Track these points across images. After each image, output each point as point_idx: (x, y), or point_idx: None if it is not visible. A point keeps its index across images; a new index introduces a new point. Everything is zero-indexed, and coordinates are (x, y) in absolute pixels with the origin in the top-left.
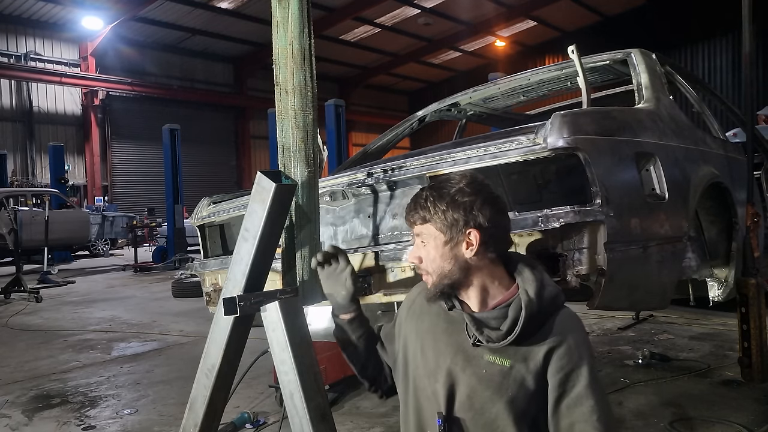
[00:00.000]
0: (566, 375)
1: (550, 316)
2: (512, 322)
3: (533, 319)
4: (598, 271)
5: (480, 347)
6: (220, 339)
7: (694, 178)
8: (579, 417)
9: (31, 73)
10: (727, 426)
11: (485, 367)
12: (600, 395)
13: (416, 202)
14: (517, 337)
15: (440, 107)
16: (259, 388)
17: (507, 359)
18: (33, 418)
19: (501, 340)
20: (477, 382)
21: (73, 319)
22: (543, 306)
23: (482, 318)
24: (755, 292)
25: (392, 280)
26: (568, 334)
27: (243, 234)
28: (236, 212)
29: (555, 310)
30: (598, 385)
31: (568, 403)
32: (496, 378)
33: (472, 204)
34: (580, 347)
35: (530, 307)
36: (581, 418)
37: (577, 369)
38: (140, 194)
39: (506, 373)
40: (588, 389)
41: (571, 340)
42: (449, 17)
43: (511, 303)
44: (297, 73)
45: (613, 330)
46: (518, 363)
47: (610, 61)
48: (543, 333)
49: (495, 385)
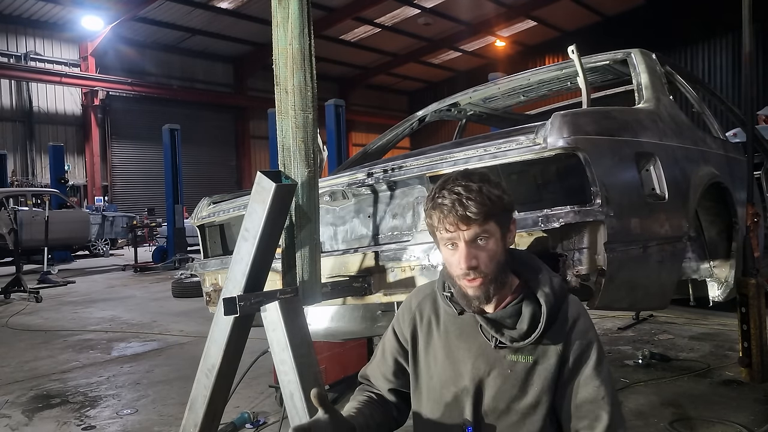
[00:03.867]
0: (579, 356)
1: (562, 305)
2: (531, 319)
3: (552, 313)
4: (598, 271)
5: (503, 348)
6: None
7: (694, 178)
8: (586, 396)
9: (31, 73)
10: (727, 426)
11: (509, 366)
12: (606, 376)
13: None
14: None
15: (440, 107)
16: (259, 388)
17: (529, 355)
18: (33, 418)
19: (524, 338)
20: (503, 383)
21: (73, 319)
22: (557, 298)
23: (497, 318)
24: (755, 292)
25: (392, 280)
26: (578, 319)
27: (243, 234)
28: (236, 212)
29: (564, 299)
30: (605, 367)
31: (578, 383)
32: (521, 375)
33: (505, 193)
34: (589, 330)
35: (549, 302)
36: (588, 398)
37: (587, 350)
38: (140, 194)
39: (531, 369)
40: (595, 370)
41: (581, 325)
42: (449, 17)
43: (522, 299)
44: (297, 73)
45: (613, 330)
46: (541, 356)
47: (610, 61)
48: (559, 322)
49: (521, 383)
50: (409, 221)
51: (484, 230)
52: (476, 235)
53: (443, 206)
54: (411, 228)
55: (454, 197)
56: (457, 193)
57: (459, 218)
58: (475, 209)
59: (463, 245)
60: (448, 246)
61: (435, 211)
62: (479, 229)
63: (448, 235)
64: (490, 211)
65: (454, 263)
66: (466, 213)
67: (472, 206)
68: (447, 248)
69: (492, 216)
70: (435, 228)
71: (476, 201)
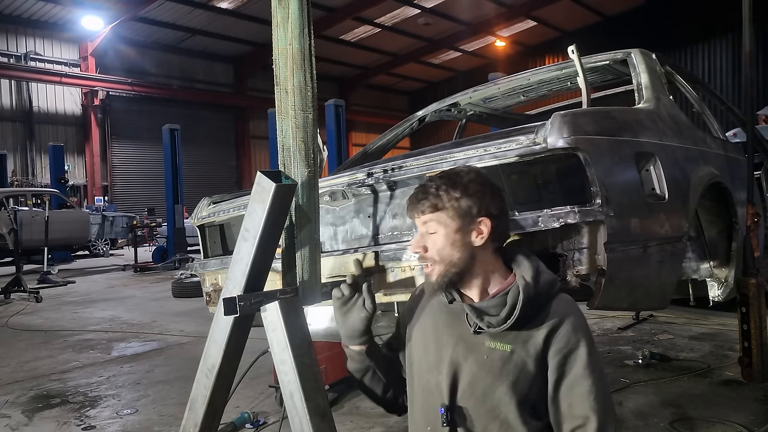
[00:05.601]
0: (565, 357)
1: (548, 301)
2: (511, 307)
3: (531, 302)
4: (598, 271)
5: (481, 334)
6: (220, 339)
7: (694, 178)
8: (577, 397)
9: (31, 73)
10: (727, 426)
11: (486, 353)
12: (598, 376)
13: (426, 190)
14: (516, 321)
15: (440, 107)
16: (259, 388)
17: (507, 344)
18: (33, 418)
19: (501, 324)
20: (478, 369)
21: (73, 319)
22: (540, 290)
23: (482, 307)
24: (755, 291)
25: (392, 280)
26: (566, 317)
27: (243, 234)
28: (236, 212)
29: (552, 295)
30: (596, 367)
31: (567, 384)
32: (497, 363)
33: (483, 193)
34: (578, 330)
35: (527, 291)
36: (579, 399)
37: (575, 351)
38: (140, 194)
39: (507, 358)
40: (586, 370)
41: (569, 324)
42: (449, 17)
43: (509, 291)
44: (297, 73)
45: (613, 330)
46: (519, 347)
47: (610, 61)
48: (542, 317)
49: (496, 371)
50: (409, 221)
51: (433, 222)
52: (425, 225)
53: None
54: (411, 228)
55: (419, 188)
56: (423, 185)
57: (413, 207)
58: (427, 201)
59: (417, 232)
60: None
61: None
62: (425, 219)
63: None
64: (440, 206)
65: None
66: (418, 204)
67: (429, 197)
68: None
69: (443, 210)
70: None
71: (426, 194)
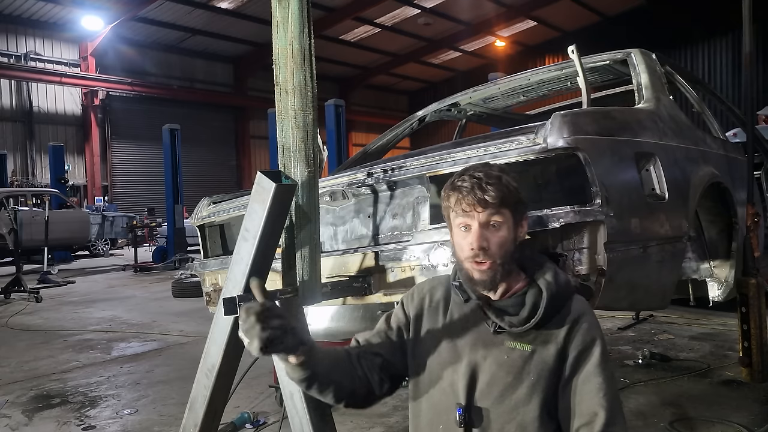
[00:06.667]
0: (580, 353)
1: (566, 301)
2: (532, 306)
3: (553, 302)
4: (598, 271)
5: (501, 334)
6: (220, 339)
7: (694, 178)
8: (586, 394)
9: (31, 73)
10: (727, 426)
11: (506, 352)
12: (609, 375)
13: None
14: (538, 320)
15: (440, 107)
16: (259, 388)
17: (528, 344)
18: (33, 418)
19: (523, 323)
20: (498, 369)
21: (73, 319)
22: (560, 289)
23: (501, 306)
24: (755, 291)
25: (392, 280)
26: (583, 315)
27: (243, 234)
28: (236, 212)
29: (570, 295)
30: (608, 366)
31: (578, 380)
32: (517, 363)
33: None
34: (593, 328)
35: (550, 290)
36: (588, 395)
37: (590, 348)
38: (140, 194)
39: (528, 358)
40: (598, 368)
41: (586, 322)
42: (449, 17)
43: (527, 291)
44: (297, 73)
45: (613, 330)
46: (539, 347)
47: (610, 61)
48: (561, 316)
49: (516, 371)
50: (409, 221)
51: (498, 216)
52: (490, 219)
53: (462, 188)
54: (411, 228)
55: (474, 181)
56: (477, 178)
57: (477, 200)
58: (493, 194)
59: (476, 226)
60: (461, 228)
61: (454, 192)
62: (494, 213)
63: (463, 216)
64: (506, 199)
65: (465, 246)
66: (484, 196)
67: (491, 191)
68: (460, 231)
69: (507, 204)
70: (451, 209)
71: (495, 186)
